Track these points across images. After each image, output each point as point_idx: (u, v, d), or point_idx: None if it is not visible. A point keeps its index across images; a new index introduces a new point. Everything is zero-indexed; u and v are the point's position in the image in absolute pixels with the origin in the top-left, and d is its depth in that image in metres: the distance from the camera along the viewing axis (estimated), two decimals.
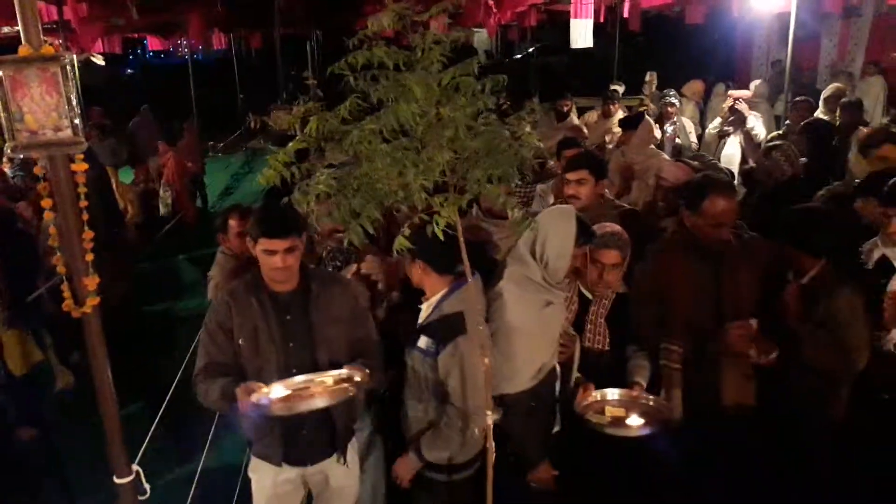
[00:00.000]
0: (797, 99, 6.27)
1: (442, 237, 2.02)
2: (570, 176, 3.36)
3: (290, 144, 1.88)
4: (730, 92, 7.61)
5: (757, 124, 6.74)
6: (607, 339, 2.94)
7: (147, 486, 1.99)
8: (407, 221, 2.57)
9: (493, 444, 2.22)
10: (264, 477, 2.64)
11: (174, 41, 12.37)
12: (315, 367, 2.49)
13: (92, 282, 1.75)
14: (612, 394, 2.74)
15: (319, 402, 2.32)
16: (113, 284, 5.28)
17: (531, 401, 2.63)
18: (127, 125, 10.71)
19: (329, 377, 2.43)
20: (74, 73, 1.71)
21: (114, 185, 7.94)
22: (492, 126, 2.00)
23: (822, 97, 6.74)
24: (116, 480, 1.93)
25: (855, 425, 2.88)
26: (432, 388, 2.54)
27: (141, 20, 8.87)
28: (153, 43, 12.30)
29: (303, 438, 2.54)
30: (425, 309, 2.60)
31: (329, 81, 2.02)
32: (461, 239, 2.07)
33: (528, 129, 2.10)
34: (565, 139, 4.74)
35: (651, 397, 2.73)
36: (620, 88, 7.77)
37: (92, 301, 1.75)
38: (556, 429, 2.86)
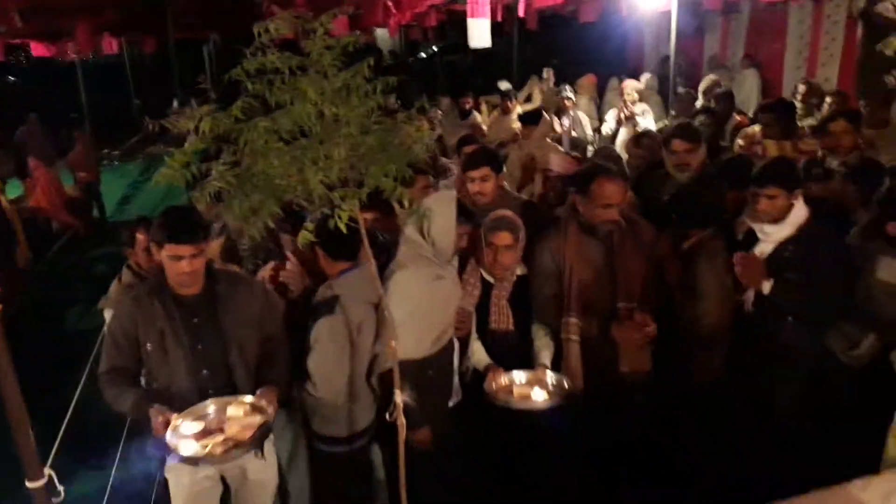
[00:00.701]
0: (679, 91, 6.73)
1: (344, 230, 2.16)
2: (474, 174, 3.45)
3: (187, 145, 1.96)
4: (624, 83, 8.01)
5: (647, 113, 7.20)
6: (511, 320, 3.13)
7: (61, 489, 2.01)
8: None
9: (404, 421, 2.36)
10: (182, 476, 2.67)
11: (60, 46, 11.81)
12: (226, 368, 2.55)
13: None
14: (519, 375, 2.96)
15: (220, 453, 2.34)
16: (8, 299, 5.11)
17: (429, 369, 2.81)
18: (12, 135, 10.22)
19: (241, 405, 2.47)
20: None
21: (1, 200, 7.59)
22: (384, 124, 2.13)
23: (699, 89, 7.24)
24: (28, 485, 1.94)
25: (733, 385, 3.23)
26: None
27: (25, 27, 8.47)
28: (37, 49, 11.70)
29: None
30: (319, 292, 2.77)
31: (228, 86, 2.11)
32: (363, 230, 2.21)
33: (422, 125, 2.25)
34: (464, 136, 4.94)
35: (554, 375, 2.96)
36: (505, 86, 8.18)
37: None
38: (455, 400, 3.05)
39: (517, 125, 5.70)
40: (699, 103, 6.88)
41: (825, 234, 3.03)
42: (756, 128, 4.83)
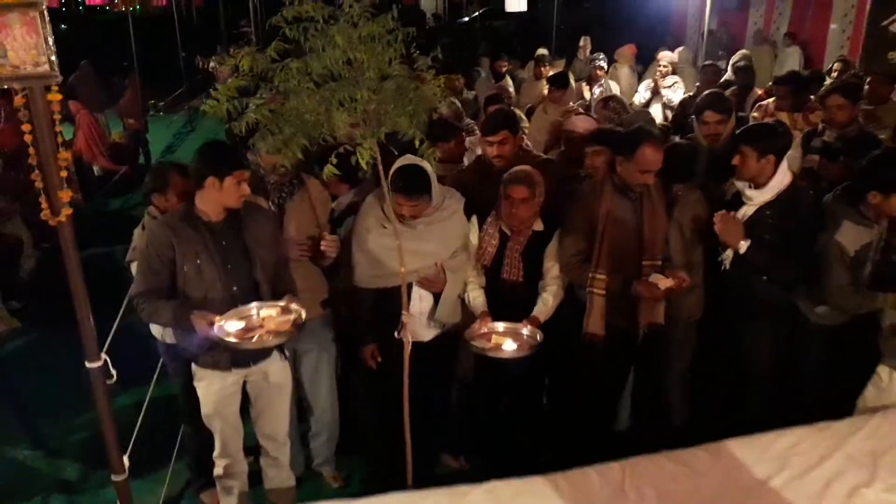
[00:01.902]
0: (705, 63, 6.82)
1: (365, 166, 2.46)
2: (492, 138, 3.55)
3: (230, 81, 2.25)
4: (659, 55, 8.09)
5: (678, 85, 7.31)
6: (521, 272, 3.29)
7: (114, 372, 2.35)
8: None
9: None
10: (213, 383, 2.99)
11: None
12: (253, 284, 2.88)
13: (66, 195, 2.09)
14: (499, 326, 3.16)
15: (266, 341, 2.70)
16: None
17: (375, 296, 3.19)
18: (65, 80, 10.65)
19: (273, 308, 2.80)
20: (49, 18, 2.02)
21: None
22: (402, 71, 2.40)
23: (730, 63, 7.31)
24: (88, 365, 2.29)
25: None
26: None
27: None
28: None
29: None
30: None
31: (269, 32, 2.39)
32: (380, 165, 2.50)
33: (431, 75, 2.50)
34: (490, 95, 5.15)
35: (527, 329, 3.13)
36: (540, 52, 8.33)
37: (66, 211, 2.10)
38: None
39: (542, 89, 5.87)
40: (727, 76, 6.95)
41: (804, 199, 3.20)
42: (771, 100, 4.97)
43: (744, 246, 3.16)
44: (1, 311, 5.61)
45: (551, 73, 7.78)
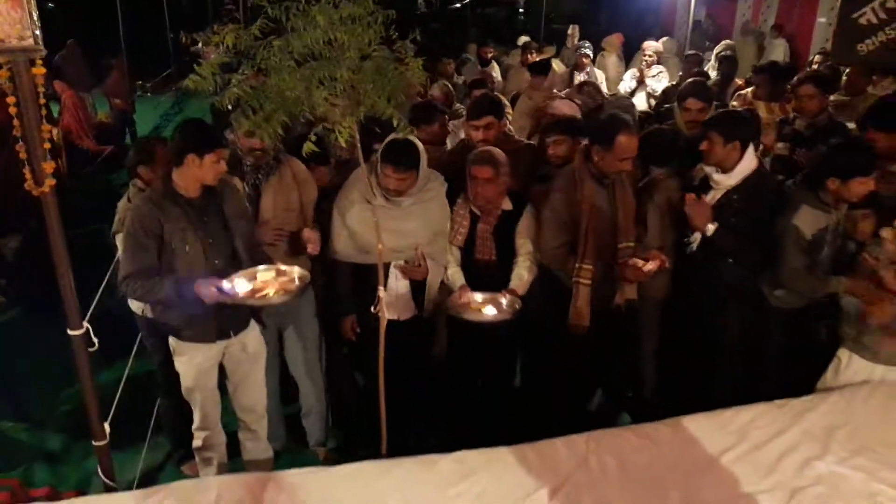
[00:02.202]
0: (688, 53, 6.91)
1: (345, 144, 2.53)
2: (477, 123, 3.62)
3: (213, 57, 2.31)
4: (644, 45, 8.16)
5: (662, 75, 7.42)
6: (493, 251, 3.36)
7: (96, 340, 2.43)
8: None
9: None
10: (194, 357, 3.05)
11: None
12: (233, 257, 2.96)
13: (49, 166, 2.16)
14: (478, 296, 3.22)
15: (276, 298, 2.83)
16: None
17: (353, 269, 3.30)
18: (51, 59, 10.59)
19: (271, 271, 2.92)
20: None
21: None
22: (381, 52, 2.46)
23: (713, 52, 7.40)
24: (70, 332, 2.36)
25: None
26: None
27: None
28: None
29: (229, 314, 3.00)
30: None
31: (252, 11, 2.44)
32: (357, 145, 2.57)
33: (411, 57, 2.56)
34: (475, 80, 5.21)
35: (506, 297, 3.19)
36: (523, 40, 8.46)
37: (49, 182, 2.17)
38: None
39: (528, 76, 5.94)
40: (708, 66, 7.05)
41: (769, 184, 3.30)
42: (750, 90, 5.07)
43: (711, 229, 3.26)
44: None
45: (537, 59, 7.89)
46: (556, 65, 5.95)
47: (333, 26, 2.36)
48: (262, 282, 2.87)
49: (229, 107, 2.38)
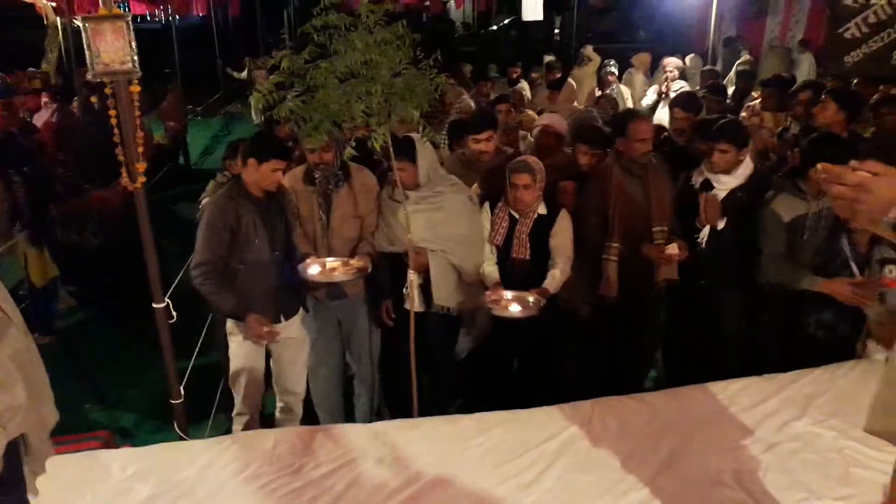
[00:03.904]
0: (703, 69, 7.28)
1: (378, 149, 3.00)
2: (480, 137, 3.95)
3: (271, 77, 2.80)
4: (665, 60, 8.52)
5: (685, 89, 7.76)
6: (528, 251, 3.70)
7: (175, 314, 2.91)
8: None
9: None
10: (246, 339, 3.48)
11: (157, 5, 13.01)
12: (291, 248, 3.43)
13: (142, 166, 2.66)
14: (508, 293, 3.55)
15: (350, 276, 3.42)
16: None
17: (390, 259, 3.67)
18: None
19: (338, 261, 3.48)
20: (132, 28, 2.58)
21: None
22: (411, 70, 2.93)
23: (734, 67, 7.73)
24: (154, 305, 2.85)
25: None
26: None
27: None
28: (136, 7, 12.92)
29: (282, 300, 3.47)
30: None
31: (301, 38, 2.93)
32: (391, 148, 3.04)
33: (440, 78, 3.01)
34: (499, 96, 5.66)
35: (535, 296, 3.50)
36: (548, 59, 9.04)
37: (141, 179, 2.67)
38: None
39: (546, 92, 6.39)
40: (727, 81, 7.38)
41: (768, 182, 3.66)
42: (758, 101, 5.41)
43: (721, 224, 3.64)
44: (62, 291, 6.24)
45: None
46: (571, 81, 6.38)
47: (369, 49, 2.84)
48: (333, 267, 3.41)
49: (281, 119, 2.84)
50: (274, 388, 3.77)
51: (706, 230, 3.70)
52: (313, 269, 3.40)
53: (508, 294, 3.57)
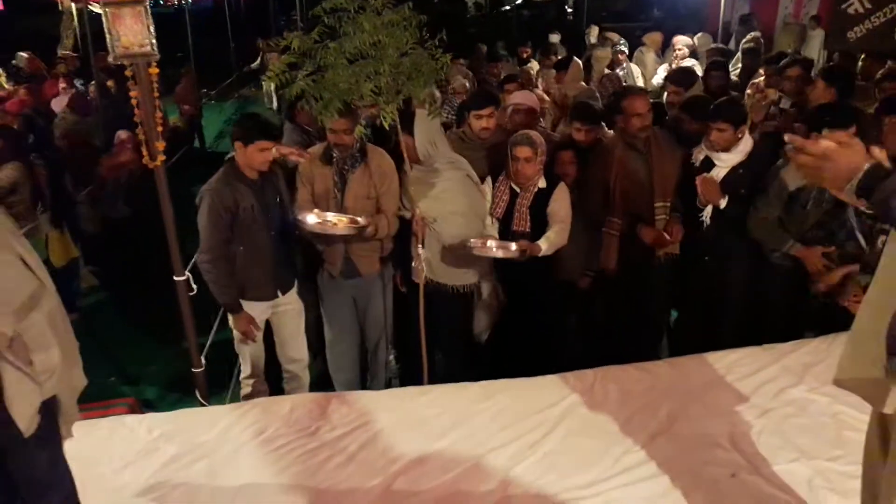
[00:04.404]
0: (710, 47, 7.31)
1: (388, 127, 3.11)
2: (482, 113, 3.95)
3: (283, 57, 2.91)
4: (674, 39, 8.52)
5: (696, 68, 7.79)
6: (528, 224, 3.78)
7: (195, 287, 3.05)
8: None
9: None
10: (254, 310, 3.59)
11: None
12: (287, 226, 3.54)
13: (161, 145, 2.79)
14: (493, 241, 3.60)
15: (349, 230, 3.43)
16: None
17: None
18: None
19: (344, 217, 3.51)
20: (150, 12, 2.70)
21: None
22: (417, 50, 3.03)
23: (740, 45, 7.75)
24: (175, 279, 3.00)
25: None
26: None
27: None
28: None
29: (280, 276, 3.61)
30: None
31: (311, 20, 3.04)
32: (398, 126, 3.14)
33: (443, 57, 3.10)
34: (507, 76, 5.74)
35: (515, 244, 3.55)
36: (556, 37, 9.08)
37: (161, 157, 2.80)
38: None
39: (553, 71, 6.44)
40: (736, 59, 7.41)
41: (770, 157, 3.70)
42: (762, 79, 5.45)
43: (723, 202, 3.72)
44: (84, 271, 6.42)
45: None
46: (578, 61, 6.46)
47: (377, 30, 2.94)
48: (335, 221, 3.47)
49: (292, 97, 2.95)
50: (279, 358, 3.89)
51: (709, 208, 3.78)
52: (311, 219, 3.42)
53: (492, 242, 3.62)
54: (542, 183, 3.80)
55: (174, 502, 2.47)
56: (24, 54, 10.49)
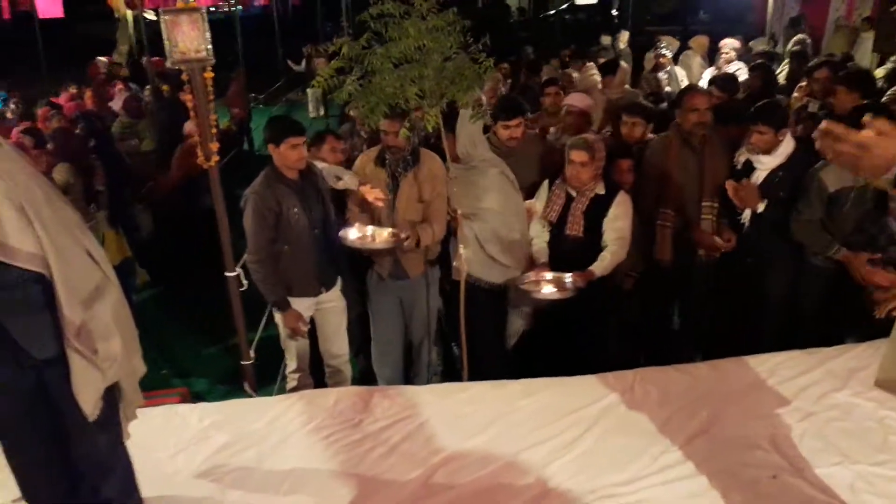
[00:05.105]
0: (755, 52, 7.23)
1: (431, 130, 3.18)
2: (510, 123, 3.93)
3: (332, 63, 3.01)
4: (721, 43, 8.42)
5: (742, 73, 7.71)
6: (582, 228, 3.77)
7: (245, 282, 3.17)
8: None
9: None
10: (299, 307, 3.68)
11: None
12: (328, 225, 3.63)
13: (215, 146, 2.92)
14: (548, 274, 3.66)
15: (380, 245, 3.56)
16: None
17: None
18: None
19: (383, 231, 3.61)
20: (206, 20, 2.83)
21: None
22: (461, 55, 3.10)
23: (786, 49, 7.64)
24: (227, 274, 3.12)
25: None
26: None
27: None
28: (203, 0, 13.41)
29: (323, 274, 3.70)
30: None
31: (358, 26, 3.14)
32: (442, 129, 3.22)
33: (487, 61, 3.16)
34: (547, 79, 5.77)
35: (569, 278, 3.58)
36: (608, 40, 9.12)
37: (215, 158, 2.93)
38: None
39: (597, 76, 6.46)
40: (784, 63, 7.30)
41: (809, 160, 3.65)
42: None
43: (761, 206, 3.70)
44: (137, 266, 6.66)
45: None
46: (625, 65, 6.47)
47: (422, 35, 3.02)
48: (375, 234, 3.56)
49: (341, 101, 3.05)
50: (321, 354, 3.97)
51: (747, 212, 3.77)
52: (352, 233, 3.53)
53: (548, 275, 3.65)
54: (600, 189, 3.77)
55: (226, 486, 2.58)
56: (102, 59, 10.95)
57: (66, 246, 2.00)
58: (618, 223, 3.71)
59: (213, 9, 22.97)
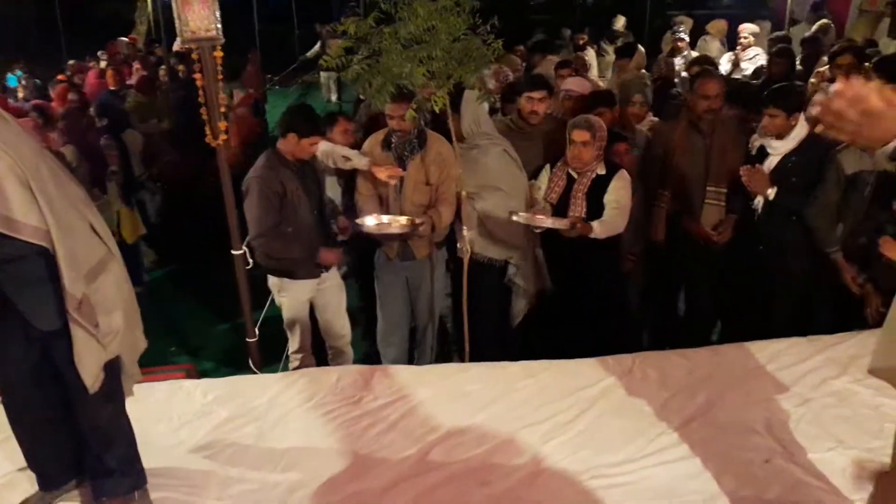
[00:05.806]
0: (771, 37, 7.16)
1: (438, 111, 3.20)
2: (534, 94, 3.94)
3: (340, 42, 3.03)
4: (740, 27, 8.31)
5: (759, 58, 7.62)
6: (584, 210, 3.75)
7: (251, 261, 3.22)
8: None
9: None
10: (300, 292, 3.76)
11: None
12: (324, 206, 3.69)
13: (223, 125, 2.95)
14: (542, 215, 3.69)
15: (403, 228, 3.59)
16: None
17: None
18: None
19: (402, 218, 3.62)
20: None
21: None
22: (469, 36, 3.10)
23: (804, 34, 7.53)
24: (233, 252, 3.16)
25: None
26: None
27: None
28: None
29: None
30: None
31: (369, 7, 3.14)
32: (448, 110, 3.23)
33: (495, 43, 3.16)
34: (561, 61, 5.75)
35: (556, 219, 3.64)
36: (621, 22, 9.12)
37: (223, 137, 2.96)
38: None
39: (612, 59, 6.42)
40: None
41: (823, 145, 3.60)
42: (826, 67, 5.30)
43: (772, 193, 3.67)
44: (145, 248, 6.74)
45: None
46: (642, 49, 6.40)
47: (431, 16, 3.03)
48: (390, 221, 3.60)
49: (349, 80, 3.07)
50: (323, 336, 4.02)
51: (759, 199, 3.75)
52: (370, 221, 3.59)
53: (543, 216, 3.67)
54: (601, 169, 3.76)
55: (225, 460, 2.63)
56: (124, 39, 11.05)
57: (69, 221, 2.04)
58: (616, 194, 3.71)
59: None
